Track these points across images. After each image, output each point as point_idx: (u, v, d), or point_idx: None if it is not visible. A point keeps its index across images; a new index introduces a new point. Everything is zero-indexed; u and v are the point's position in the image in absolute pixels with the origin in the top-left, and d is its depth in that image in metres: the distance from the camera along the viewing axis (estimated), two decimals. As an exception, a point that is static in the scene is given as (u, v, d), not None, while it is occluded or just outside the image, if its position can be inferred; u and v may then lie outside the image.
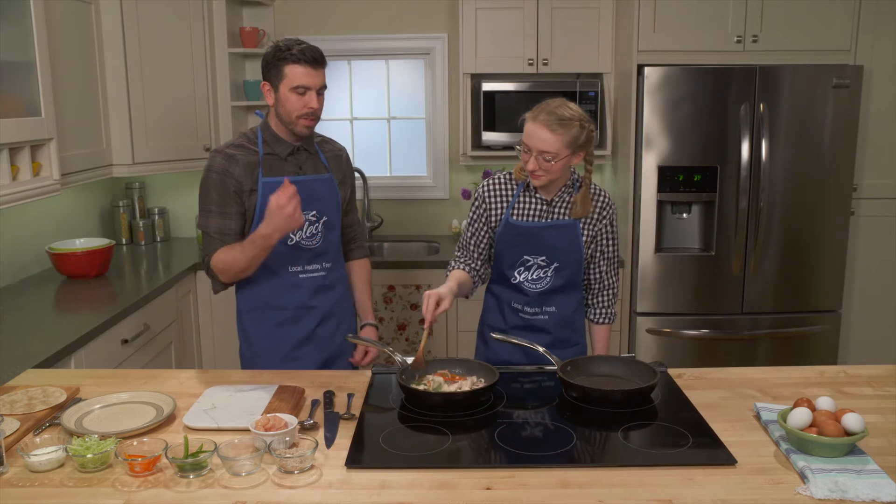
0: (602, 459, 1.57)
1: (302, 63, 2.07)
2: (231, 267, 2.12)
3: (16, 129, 2.46)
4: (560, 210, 2.17)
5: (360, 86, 4.22)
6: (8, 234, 3.03)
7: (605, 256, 2.26)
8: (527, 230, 2.16)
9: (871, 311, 3.71)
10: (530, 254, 2.17)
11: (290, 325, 2.23)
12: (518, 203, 2.18)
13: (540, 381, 2.00)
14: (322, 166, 2.27)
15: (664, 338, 3.56)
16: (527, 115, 2.08)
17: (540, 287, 2.20)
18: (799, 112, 3.40)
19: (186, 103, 3.54)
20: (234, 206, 2.14)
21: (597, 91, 3.71)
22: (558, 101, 2.06)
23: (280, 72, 2.09)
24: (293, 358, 2.23)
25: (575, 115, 2.03)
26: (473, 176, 4.13)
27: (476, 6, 3.67)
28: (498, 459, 1.55)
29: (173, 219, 4.08)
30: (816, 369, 2.05)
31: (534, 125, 2.04)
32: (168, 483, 1.44)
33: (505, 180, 2.21)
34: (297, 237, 2.19)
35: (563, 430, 1.67)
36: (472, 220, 2.25)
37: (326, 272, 2.27)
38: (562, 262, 2.18)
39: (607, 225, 2.22)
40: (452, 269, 2.24)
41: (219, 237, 2.14)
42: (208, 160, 2.16)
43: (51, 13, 2.74)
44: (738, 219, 3.44)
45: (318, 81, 2.11)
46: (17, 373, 2.03)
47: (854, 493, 1.37)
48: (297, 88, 2.08)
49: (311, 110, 2.11)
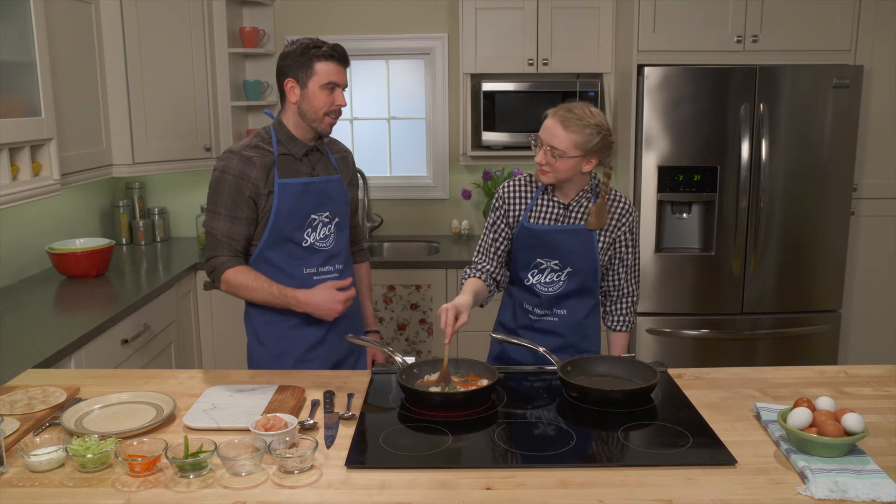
0: (602, 459, 1.57)
1: (333, 60, 2.07)
2: (241, 291, 2.12)
3: (16, 129, 2.46)
4: (577, 215, 2.14)
5: (360, 86, 4.22)
6: (8, 234, 3.04)
7: (623, 264, 2.23)
8: (539, 233, 2.14)
9: (871, 311, 3.71)
10: (543, 257, 2.15)
11: (303, 328, 2.21)
12: (536, 205, 2.16)
13: (540, 381, 2.00)
14: (332, 167, 2.26)
15: (664, 338, 3.56)
16: (549, 110, 2.08)
17: (552, 290, 2.18)
18: (799, 112, 3.40)
19: (186, 103, 3.54)
20: (246, 212, 2.10)
21: (597, 91, 3.71)
22: (582, 104, 2.07)
23: (309, 68, 2.07)
24: (305, 360, 2.21)
25: (593, 119, 2.02)
26: (473, 176, 4.13)
27: (476, 6, 3.67)
28: (498, 459, 1.55)
29: (173, 219, 4.08)
30: (816, 369, 2.05)
31: (551, 120, 2.04)
32: (168, 483, 1.44)
33: (525, 182, 2.19)
34: (311, 239, 2.17)
35: (563, 430, 1.67)
36: (493, 222, 2.21)
37: (339, 273, 2.25)
38: (575, 266, 2.15)
39: (626, 232, 2.19)
40: (468, 276, 2.19)
41: (225, 241, 2.11)
42: (223, 160, 2.11)
43: (51, 13, 2.74)
44: (738, 219, 3.45)
45: (344, 79, 2.12)
46: (17, 373, 2.03)
47: (854, 493, 1.37)
48: (328, 85, 2.08)
49: (339, 107, 2.12)
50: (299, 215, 2.14)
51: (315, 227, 2.17)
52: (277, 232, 2.13)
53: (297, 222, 2.14)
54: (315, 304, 2.08)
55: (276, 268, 2.16)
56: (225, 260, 2.12)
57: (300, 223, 2.15)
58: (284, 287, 2.10)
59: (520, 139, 3.75)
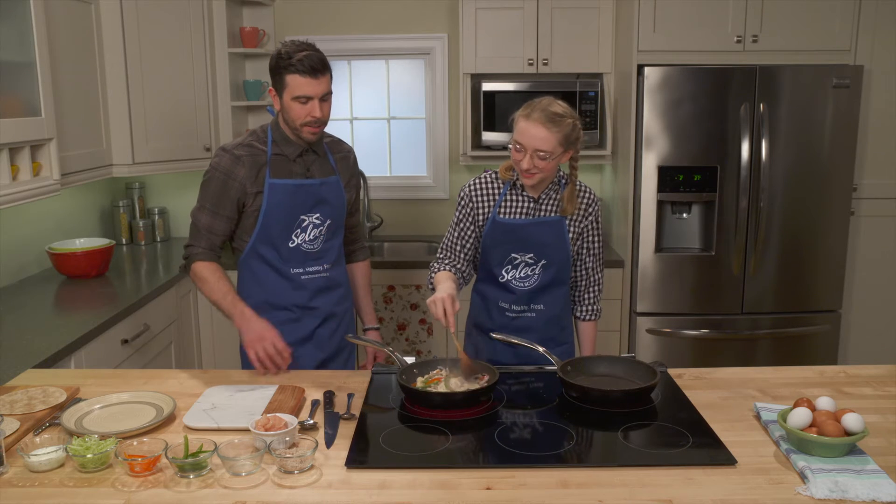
0: (602, 459, 1.57)
1: (301, 73, 2.04)
2: (202, 284, 2.18)
3: (16, 129, 2.45)
4: (547, 207, 2.17)
5: (360, 86, 4.22)
6: (8, 234, 3.03)
7: (591, 253, 2.27)
8: (514, 227, 2.16)
9: (871, 311, 3.71)
10: (518, 251, 2.17)
11: (290, 325, 2.23)
12: (505, 201, 2.18)
13: (540, 381, 2.00)
14: (330, 168, 2.26)
15: (664, 338, 3.56)
16: (517, 113, 2.06)
17: (528, 285, 2.20)
18: (799, 112, 3.40)
19: (186, 103, 3.54)
20: (228, 210, 2.15)
21: (597, 91, 3.71)
22: (548, 100, 2.06)
23: (282, 81, 2.07)
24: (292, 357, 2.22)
25: (567, 111, 2.04)
26: (473, 176, 4.12)
27: (476, 6, 3.67)
28: (498, 459, 1.55)
29: (173, 219, 4.08)
30: (816, 369, 2.05)
31: (528, 123, 2.02)
32: (168, 483, 1.44)
33: (491, 179, 2.21)
34: (298, 240, 2.19)
35: (563, 430, 1.67)
36: (458, 221, 2.24)
37: (328, 273, 2.27)
38: (549, 258, 2.18)
39: (593, 221, 2.24)
40: (437, 271, 2.21)
41: (206, 233, 2.18)
42: (216, 157, 2.17)
43: (51, 13, 2.74)
44: (738, 219, 3.44)
45: (319, 90, 2.07)
46: (17, 373, 2.03)
47: (854, 493, 1.37)
48: (299, 98, 2.06)
49: (314, 119, 2.09)
50: (289, 216, 2.16)
51: (305, 228, 2.19)
52: (266, 230, 2.16)
53: (286, 223, 2.17)
54: (246, 329, 2.09)
55: (268, 264, 2.19)
56: (200, 251, 2.18)
57: (289, 224, 2.17)
58: (238, 300, 2.14)
59: (520, 139, 3.75)
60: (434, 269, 2.23)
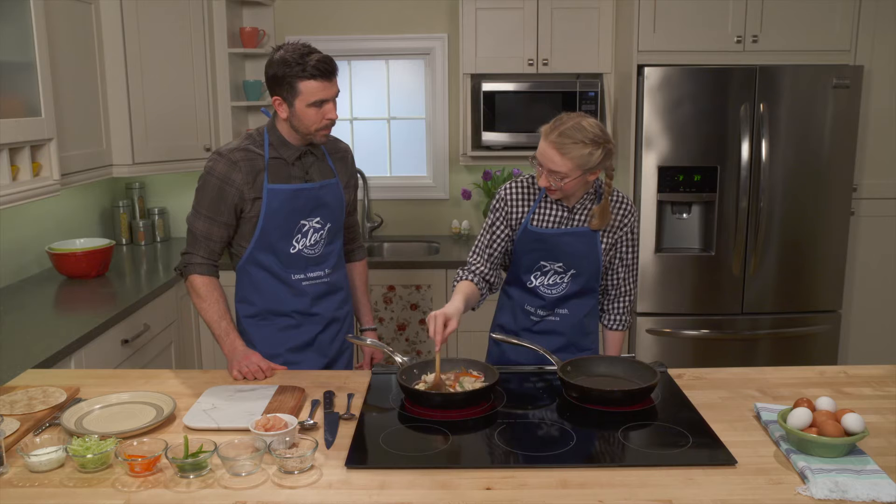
0: (602, 459, 1.57)
1: (316, 78, 1.98)
2: (197, 300, 2.13)
3: (16, 129, 2.45)
4: (581, 217, 2.12)
5: (360, 86, 4.22)
6: (8, 234, 3.04)
7: (623, 263, 2.22)
8: (545, 237, 2.11)
9: (871, 311, 3.71)
10: (547, 260, 2.14)
11: (292, 331, 2.21)
12: (539, 208, 2.12)
13: (540, 381, 2.00)
14: (329, 170, 2.21)
15: (664, 338, 3.56)
16: (543, 128, 1.99)
17: (556, 292, 2.17)
18: (799, 112, 3.40)
19: (186, 103, 3.54)
20: (225, 216, 2.09)
21: (597, 91, 3.71)
22: (574, 120, 1.96)
23: (293, 88, 1.99)
24: (293, 362, 2.20)
25: (588, 136, 1.93)
26: (473, 176, 4.13)
27: (476, 6, 3.67)
28: (498, 459, 1.55)
29: (173, 219, 4.08)
30: (816, 369, 2.05)
31: (545, 143, 1.96)
32: (168, 483, 1.44)
33: (527, 184, 2.15)
34: (299, 245, 2.15)
35: (563, 430, 1.67)
36: (492, 223, 2.17)
37: (329, 278, 2.23)
38: (579, 269, 2.14)
39: (628, 233, 2.18)
40: (460, 279, 2.16)
41: (203, 240, 2.11)
42: (211, 161, 2.09)
43: (51, 13, 2.74)
44: (738, 219, 3.45)
45: (333, 91, 2.03)
46: (17, 373, 2.03)
47: (854, 493, 1.37)
48: (315, 104, 2.01)
49: (331, 121, 2.05)
50: (288, 221, 2.11)
51: (305, 232, 2.14)
52: (265, 236, 2.11)
53: (286, 228, 2.12)
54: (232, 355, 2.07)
55: (267, 271, 2.15)
56: (199, 262, 2.12)
57: (289, 229, 2.12)
58: (231, 329, 2.11)
59: (520, 139, 3.75)
60: (459, 275, 2.17)
